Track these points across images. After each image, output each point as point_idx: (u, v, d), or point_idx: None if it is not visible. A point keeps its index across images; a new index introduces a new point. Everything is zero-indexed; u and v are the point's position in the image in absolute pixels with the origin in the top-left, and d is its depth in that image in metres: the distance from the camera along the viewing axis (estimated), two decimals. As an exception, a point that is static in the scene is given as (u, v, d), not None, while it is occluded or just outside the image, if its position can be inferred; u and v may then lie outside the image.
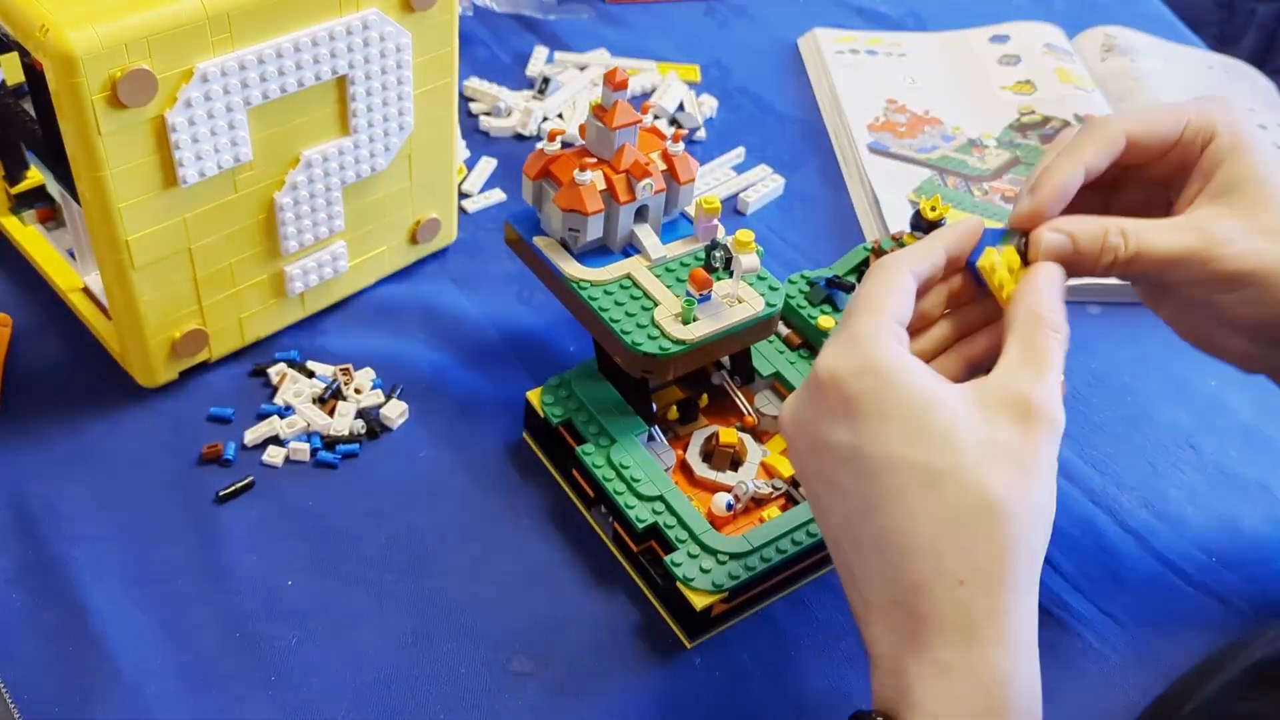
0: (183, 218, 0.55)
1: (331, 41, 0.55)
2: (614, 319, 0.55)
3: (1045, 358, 0.41)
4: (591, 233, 0.57)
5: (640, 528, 0.52)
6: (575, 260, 0.57)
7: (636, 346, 0.53)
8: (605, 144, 0.57)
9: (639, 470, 0.54)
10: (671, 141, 0.58)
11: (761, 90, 0.92)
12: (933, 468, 0.38)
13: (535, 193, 0.58)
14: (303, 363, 0.63)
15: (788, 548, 0.52)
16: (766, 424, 0.59)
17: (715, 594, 0.50)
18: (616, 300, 0.56)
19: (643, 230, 0.58)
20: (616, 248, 0.58)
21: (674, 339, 0.54)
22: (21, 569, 0.52)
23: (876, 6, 1.05)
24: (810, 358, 0.61)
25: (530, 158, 0.58)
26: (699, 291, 0.54)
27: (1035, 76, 0.93)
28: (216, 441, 0.58)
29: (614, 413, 0.56)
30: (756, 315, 0.55)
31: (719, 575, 0.50)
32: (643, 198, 0.57)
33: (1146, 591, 0.57)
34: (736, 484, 0.55)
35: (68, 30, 0.47)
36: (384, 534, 0.55)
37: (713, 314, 0.55)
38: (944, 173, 0.83)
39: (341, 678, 0.50)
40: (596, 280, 0.56)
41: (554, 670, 0.51)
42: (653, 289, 0.56)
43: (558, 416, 0.56)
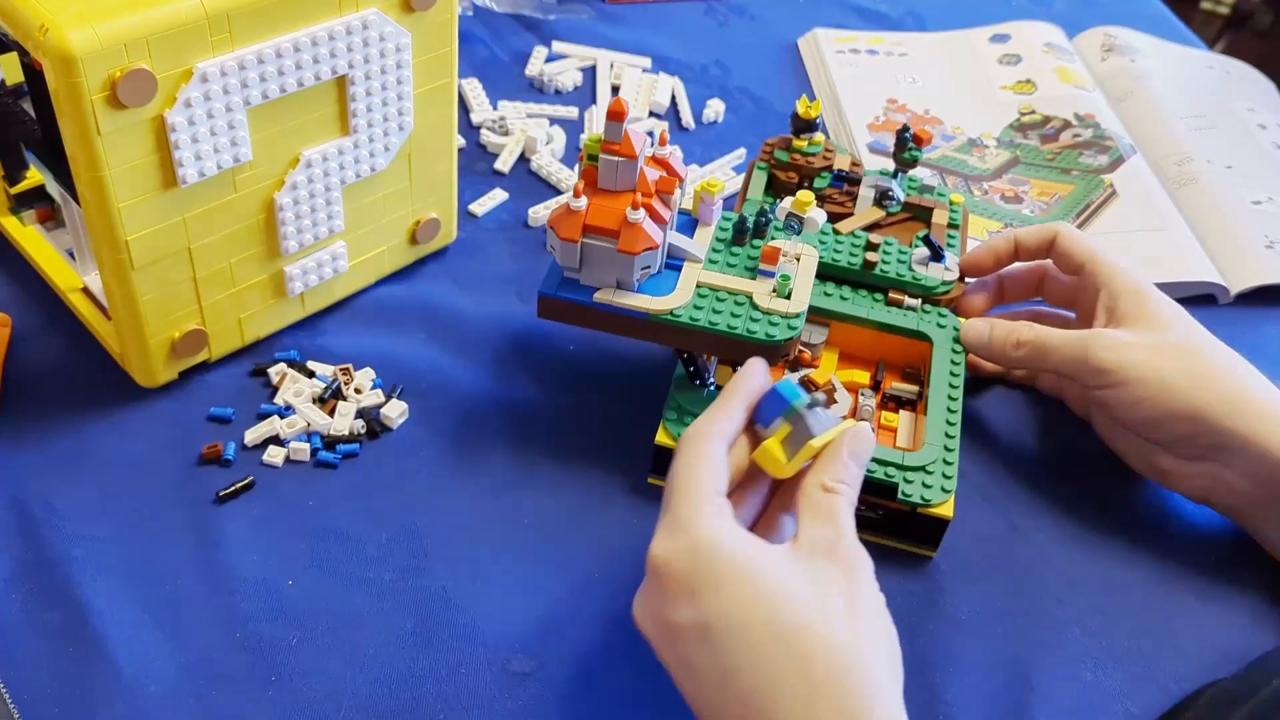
0: (182, 218, 0.55)
1: (331, 41, 0.55)
2: (731, 327, 0.55)
3: (835, 515, 0.44)
4: (658, 264, 0.56)
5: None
6: (641, 295, 0.56)
7: (772, 339, 0.54)
8: (627, 175, 0.55)
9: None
10: (659, 145, 0.58)
11: (761, 90, 0.92)
12: (777, 625, 0.39)
13: (575, 253, 0.55)
14: (303, 363, 0.63)
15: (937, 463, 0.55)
16: (815, 353, 0.63)
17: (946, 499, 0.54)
18: (714, 309, 0.56)
19: (677, 238, 0.58)
20: (658, 267, 0.57)
21: (791, 314, 0.55)
22: (21, 569, 0.52)
23: (876, 6, 1.05)
24: (817, 282, 0.64)
25: (560, 220, 0.55)
26: (772, 265, 0.57)
27: (1035, 76, 0.93)
28: (216, 441, 0.58)
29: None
30: (818, 259, 0.59)
31: (945, 479, 0.54)
32: (676, 209, 0.57)
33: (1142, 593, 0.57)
34: (859, 406, 0.60)
35: (67, 30, 0.47)
36: (384, 534, 0.55)
37: (797, 276, 0.57)
38: (944, 172, 0.83)
39: (341, 677, 0.50)
40: (681, 304, 0.56)
41: (554, 670, 0.51)
42: (729, 284, 0.57)
43: None
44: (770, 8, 1.03)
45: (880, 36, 0.99)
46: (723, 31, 0.99)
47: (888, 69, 0.95)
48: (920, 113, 0.90)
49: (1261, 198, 0.81)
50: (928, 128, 0.88)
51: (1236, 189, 0.82)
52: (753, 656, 0.39)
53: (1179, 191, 0.82)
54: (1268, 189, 0.82)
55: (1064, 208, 0.80)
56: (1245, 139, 0.89)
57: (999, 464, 0.62)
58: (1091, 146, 0.85)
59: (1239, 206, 0.80)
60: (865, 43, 0.98)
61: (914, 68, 0.95)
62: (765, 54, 0.97)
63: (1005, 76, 0.94)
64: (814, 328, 0.63)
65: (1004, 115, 0.90)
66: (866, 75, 0.94)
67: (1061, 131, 0.87)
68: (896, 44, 0.98)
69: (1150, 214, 0.79)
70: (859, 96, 0.91)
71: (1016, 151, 0.86)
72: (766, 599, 0.40)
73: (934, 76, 0.94)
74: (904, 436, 0.60)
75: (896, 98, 0.91)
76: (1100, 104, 0.90)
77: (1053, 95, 0.91)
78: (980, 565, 0.57)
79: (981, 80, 0.94)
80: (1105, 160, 0.84)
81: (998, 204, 0.81)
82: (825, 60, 0.95)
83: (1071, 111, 0.89)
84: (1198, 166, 0.84)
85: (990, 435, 0.64)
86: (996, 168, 0.84)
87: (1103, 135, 0.86)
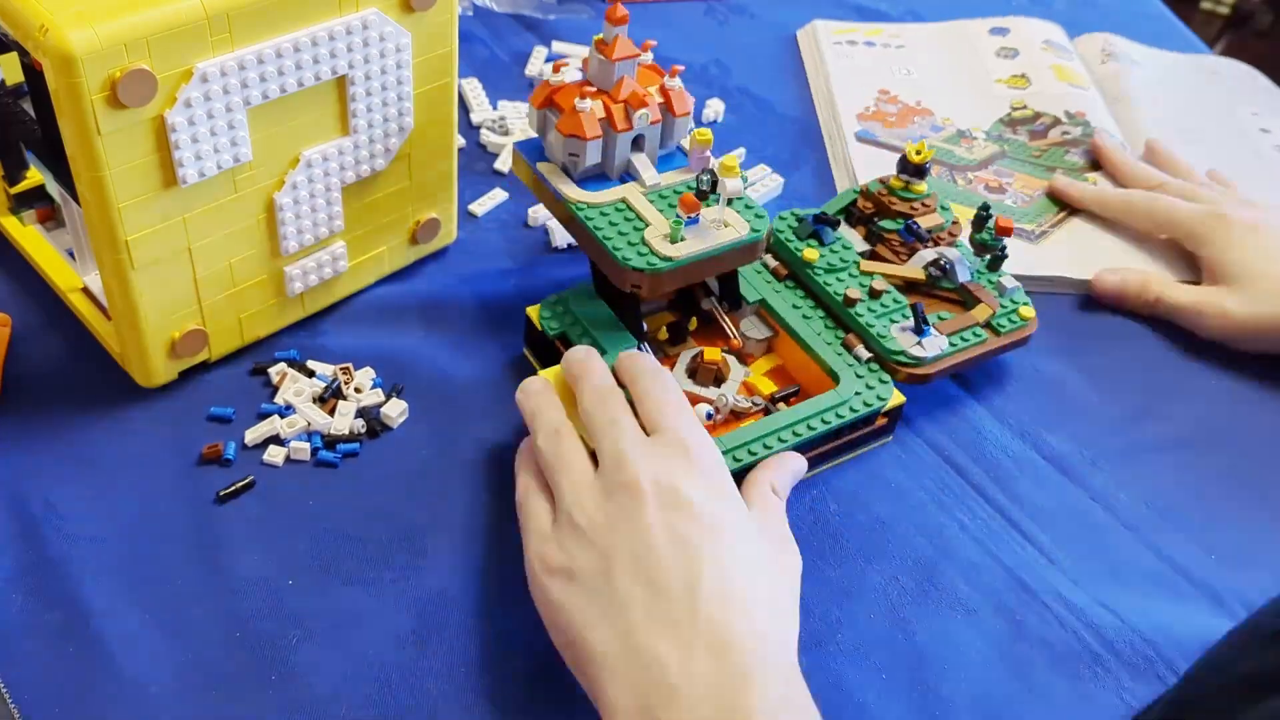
0: (182, 218, 0.55)
1: (331, 41, 0.55)
2: (607, 237, 0.59)
3: (780, 516, 0.53)
4: (590, 158, 0.60)
5: None
6: (575, 185, 0.61)
7: (626, 262, 0.57)
8: (606, 76, 0.61)
9: None
10: (669, 77, 0.62)
11: (761, 90, 0.92)
12: (747, 553, 0.48)
13: (540, 121, 0.62)
14: (303, 362, 0.63)
15: (758, 450, 0.56)
16: (751, 347, 0.64)
17: None
18: (611, 221, 0.60)
19: (639, 159, 0.62)
20: (614, 175, 0.62)
21: (661, 256, 0.58)
22: (21, 569, 0.52)
23: (876, 5, 1.05)
24: (795, 288, 0.66)
25: (537, 88, 0.62)
26: (687, 214, 0.58)
27: (1031, 71, 0.93)
28: (216, 441, 0.58)
29: (607, 328, 0.60)
30: (741, 239, 0.59)
31: None
32: (639, 127, 0.61)
33: (1147, 587, 0.57)
34: (717, 397, 0.59)
35: (67, 30, 0.47)
36: (384, 533, 0.56)
37: (699, 235, 0.59)
38: (929, 162, 0.84)
39: (341, 677, 0.50)
40: (593, 202, 0.60)
41: (554, 670, 0.51)
42: (645, 212, 0.60)
43: (554, 330, 0.61)
44: (770, 7, 1.03)
45: (879, 28, 1.00)
46: (723, 31, 0.99)
47: (883, 60, 0.95)
48: (912, 104, 0.90)
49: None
50: (917, 119, 0.88)
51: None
52: (716, 547, 0.46)
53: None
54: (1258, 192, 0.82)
55: (1046, 203, 0.81)
56: (1243, 145, 0.89)
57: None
58: (1078, 145, 0.86)
59: None
60: (864, 34, 0.98)
61: (909, 59, 0.96)
62: (765, 54, 0.97)
63: (1001, 70, 0.94)
64: (760, 325, 0.64)
65: (996, 109, 0.90)
66: (861, 66, 0.94)
67: (1050, 129, 0.87)
68: (894, 35, 0.99)
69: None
70: (851, 87, 0.91)
71: (1004, 145, 0.86)
72: (748, 533, 0.49)
73: (929, 68, 0.95)
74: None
75: (889, 88, 0.92)
76: (1094, 103, 0.90)
77: (1047, 92, 0.91)
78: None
79: (978, 72, 0.94)
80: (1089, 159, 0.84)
81: (981, 193, 0.81)
82: (822, 51, 0.95)
83: (1063, 109, 0.89)
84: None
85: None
86: (983, 159, 0.85)
87: (1091, 134, 0.86)
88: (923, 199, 0.69)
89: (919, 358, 0.61)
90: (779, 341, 0.64)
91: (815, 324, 0.63)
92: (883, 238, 0.68)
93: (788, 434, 0.57)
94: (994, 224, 0.67)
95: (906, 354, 0.61)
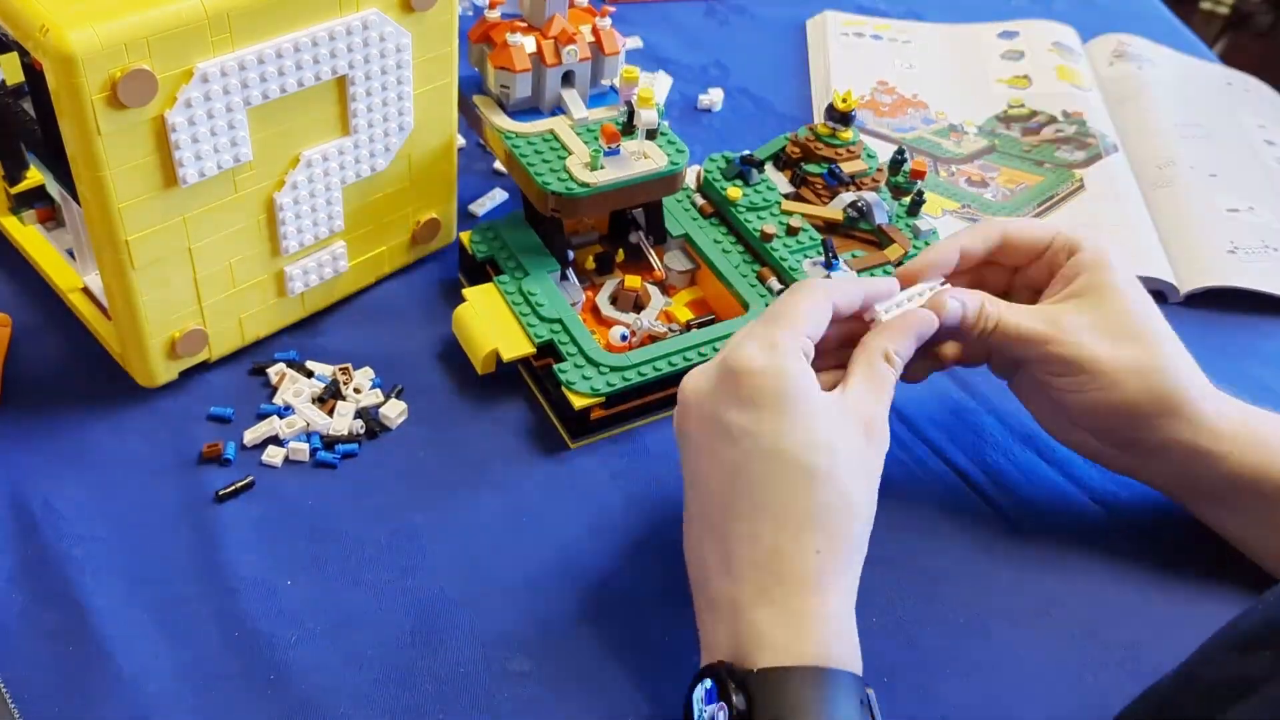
0: (183, 218, 0.55)
1: (331, 41, 0.55)
2: (530, 163, 0.62)
3: (884, 386, 0.50)
4: (520, 90, 0.64)
5: (538, 342, 0.60)
6: (507, 116, 0.65)
7: (546, 186, 0.61)
8: (538, 13, 0.65)
9: (544, 298, 0.62)
10: (599, 17, 0.66)
11: (761, 90, 0.92)
12: (813, 466, 0.46)
13: (477, 55, 0.66)
14: (302, 362, 0.63)
15: (663, 367, 0.60)
16: (673, 279, 0.68)
17: (593, 397, 0.58)
18: (536, 149, 0.63)
19: (569, 94, 0.66)
20: (545, 108, 0.66)
21: (579, 182, 0.61)
22: (21, 569, 0.52)
23: (876, 4, 1.05)
24: (719, 225, 0.69)
25: (475, 24, 0.66)
26: (608, 145, 0.62)
27: (1034, 72, 0.93)
28: (216, 441, 0.58)
29: (533, 253, 0.65)
30: (659, 170, 0.63)
31: (598, 382, 0.58)
32: (568, 63, 0.64)
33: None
34: (633, 320, 0.63)
35: (67, 30, 0.47)
36: (384, 533, 0.56)
37: (619, 165, 0.62)
38: (913, 150, 0.84)
39: (341, 677, 0.50)
40: (521, 132, 0.64)
41: (553, 670, 0.51)
42: (570, 143, 0.64)
43: (482, 253, 0.65)
44: (770, 7, 1.03)
45: (888, 24, 1.00)
46: (723, 31, 0.99)
47: (888, 53, 0.95)
48: (909, 96, 0.90)
49: (1241, 206, 0.81)
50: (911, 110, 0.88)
51: (1213, 195, 0.82)
52: (783, 482, 0.46)
53: (1154, 192, 0.82)
54: (1252, 199, 0.82)
55: (1027, 196, 0.81)
56: (1245, 152, 0.88)
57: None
58: (1070, 142, 0.86)
59: (1210, 212, 0.80)
60: (872, 28, 0.99)
61: (914, 54, 0.96)
62: (765, 53, 0.97)
63: (1004, 71, 0.94)
64: (683, 258, 0.68)
65: (992, 106, 0.90)
66: (864, 57, 0.94)
67: (1045, 126, 0.88)
68: (903, 31, 0.99)
69: (1114, 210, 0.80)
70: (850, 75, 0.91)
71: (995, 141, 0.86)
72: (814, 446, 0.46)
73: (932, 64, 0.95)
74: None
75: (887, 80, 0.92)
76: (1092, 103, 0.90)
77: (1045, 91, 0.91)
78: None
79: (979, 72, 0.94)
80: (1081, 156, 0.84)
81: (962, 186, 0.81)
82: (828, 40, 0.96)
83: (1060, 109, 0.89)
84: (1178, 171, 0.84)
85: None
86: (970, 153, 0.85)
87: (1085, 133, 0.86)
88: (848, 145, 0.72)
89: None
90: (700, 275, 0.68)
91: (734, 258, 0.67)
92: (807, 180, 0.71)
93: (693, 353, 0.61)
94: (909, 168, 0.71)
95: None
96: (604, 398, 0.58)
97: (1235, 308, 0.74)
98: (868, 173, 0.71)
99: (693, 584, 0.49)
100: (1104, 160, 0.84)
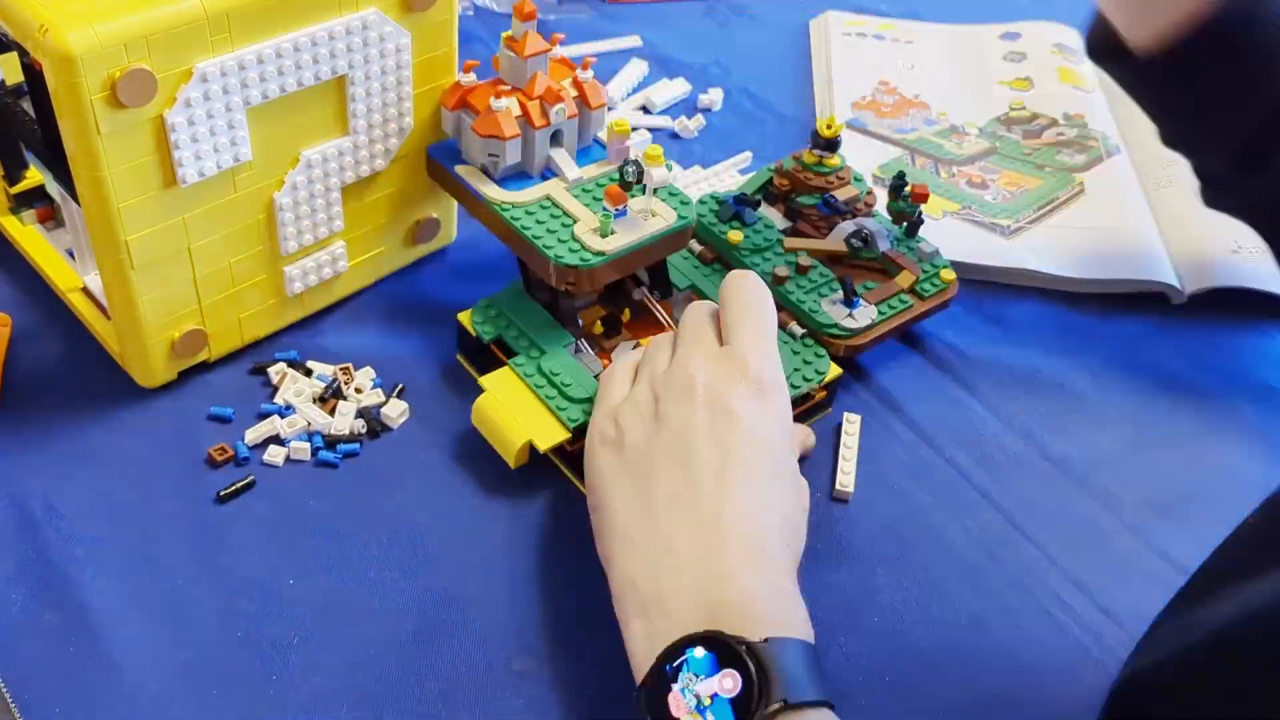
0: (182, 218, 0.55)
1: (331, 41, 0.55)
2: (536, 236, 0.58)
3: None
4: (510, 157, 0.60)
5: (573, 426, 0.56)
6: (496, 185, 0.61)
7: (560, 260, 0.57)
8: (518, 73, 0.61)
9: (568, 376, 0.58)
10: (581, 69, 0.62)
11: (761, 90, 0.92)
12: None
13: (455, 123, 0.62)
14: (302, 362, 0.63)
15: None
16: None
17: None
18: (538, 219, 0.59)
19: (559, 154, 0.62)
20: (535, 172, 0.62)
21: (594, 251, 0.58)
22: (21, 569, 0.52)
23: (876, 5, 1.05)
24: (722, 271, 0.66)
25: (448, 89, 0.62)
26: (614, 206, 0.58)
27: (1035, 74, 0.93)
28: (223, 444, 0.58)
29: (542, 328, 0.61)
30: (670, 227, 0.60)
31: None
32: (556, 122, 0.61)
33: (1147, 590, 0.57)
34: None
35: (67, 30, 0.47)
36: (385, 533, 0.55)
37: (629, 227, 0.59)
38: (915, 153, 0.84)
39: (342, 677, 0.50)
40: (518, 202, 0.60)
41: (555, 669, 0.51)
42: (571, 208, 0.60)
43: (489, 334, 0.61)
44: (770, 7, 1.03)
45: (891, 24, 1.00)
46: (723, 31, 0.99)
47: (890, 53, 0.95)
48: (910, 96, 0.90)
49: None
50: (912, 111, 0.88)
51: None
52: (750, 459, 0.48)
53: (1157, 193, 0.82)
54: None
55: (1028, 200, 0.81)
56: None
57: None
58: (1071, 145, 0.86)
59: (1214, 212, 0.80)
60: (875, 28, 0.99)
61: (916, 55, 0.96)
62: (765, 54, 0.97)
63: (1005, 72, 0.94)
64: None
65: (993, 108, 0.90)
66: (865, 57, 0.94)
67: (1046, 129, 0.88)
68: (905, 31, 0.99)
69: (1115, 213, 0.79)
70: (852, 75, 0.91)
71: (996, 143, 0.86)
72: (784, 456, 0.51)
73: (933, 65, 0.95)
74: None
75: (889, 80, 0.92)
76: (1094, 105, 0.90)
77: (1047, 94, 0.91)
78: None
79: (981, 74, 0.94)
80: (1083, 160, 0.84)
81: (963, 188, 0.81)
82: (830, 40, 0.96)
83: (1061, 111, 0.89)
84: (1181, 170, 0.83)
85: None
86: (971, 155, 0.85)
87: (1087, 135, 0.86)
88: (836, 172, 0.70)
89: (852, 329, 0.63)
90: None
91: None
92: (802, 213, 0.70)
93: None
94: (909, 191, 0.69)
95: (840, 326, 0.63)
96: None
97: (1239, 308, 0.74)
98: (859, 198, 0.70)
99: (628, 575, 0.47)
100: (1105, 162, 0.84)
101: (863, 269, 0.68)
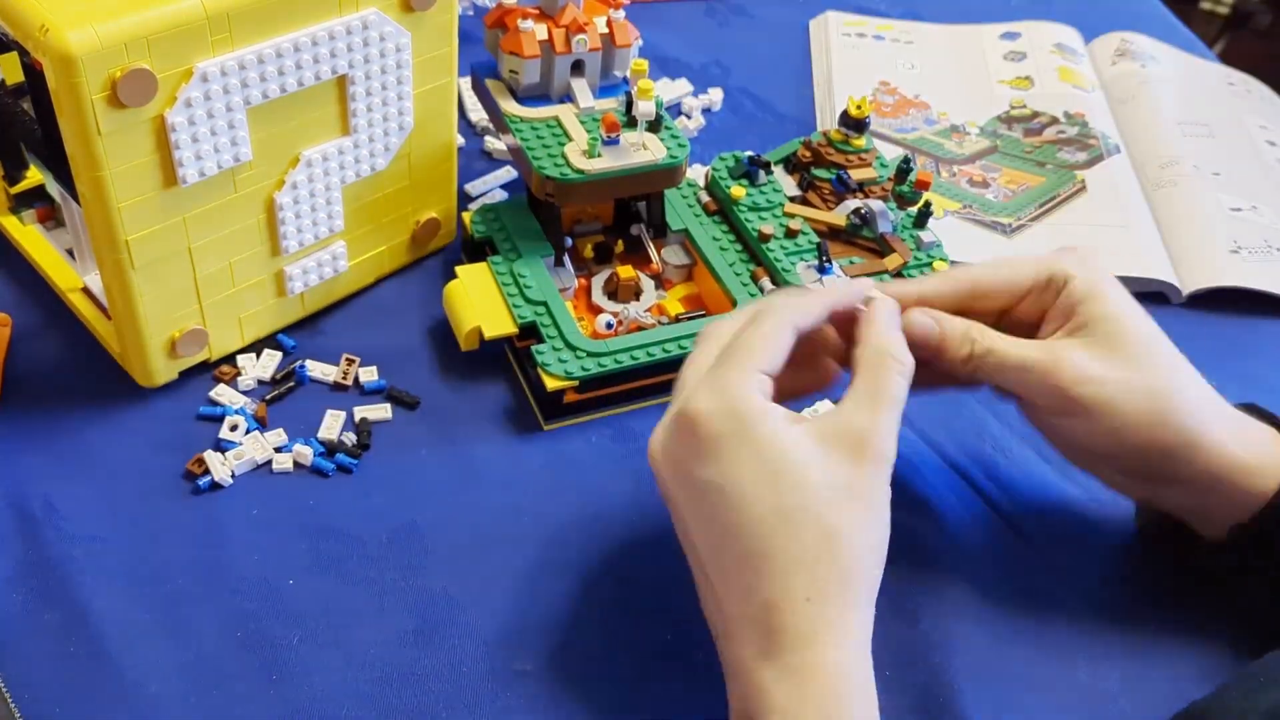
0: (182, 217, 0.55)
1: (331, 41, 0.55)
2: (530, 147, 0.63)
3: (886, 392, 0.46)
4: (528, 76, 0.65)
5: (520, 323, 0.61)
6: (516, 101, 0.65)
7: (541, 170, 0.61)
8: (553, 2, 0.65)
9: (532, 280, 0.62)
10: (614, 9, 0.67)
11: (762, 90, 0.92)
12: (784, 506, 0.43)
13: (491, 40, 0.67)
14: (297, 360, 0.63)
15: (640, 356, 0.60)
16: (670, 273, 0.68)
17: (567, 381, 0.59)
18: (539, 135, 0.64)
19: (578, 84, 0.66)
20: (554, 96, 0.66)
21: (574, 169, 0.61)
22: (21, 569, 0.52)
23: (876, 5, 1.05)
24: (721, 223, 0.70)
25: (492, 9, 0.66)
26: (607, 134, 0.62)
27: (1036, 73, 0.93)
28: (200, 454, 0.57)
29: (530, 238, 0.65)
30: (655, 162, 0.63)
31: (573, 366, 0.59)
32: (577, 52, 0.65)
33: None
34: (620, 310, 0.64)
35: (67, 30, 0.47)
36: (385, 533, 0.55)
37: (616, 155, 0.62)
38: (916, 152, 0.84)
39: (343, 677, 0.50)
40: (526, 117, 0.65)
41: (555, 668, 0.51)
42: (573, 130, 0.64)
43: (480, 233, 0.66)
44: (770, 7, 1.03)
45: (891, 24, 1.00)
46: (723, 31, 0.99)
47: (890, 54, 0.96)
48: (911, 96, 0.90)
49: (1244, 205, 0.81)
50: (913, 110, 0.88)
51: (1217, 194, 0.82)
52: (758, 528, 0.43)
53: (1156, 192, 0.82)
54: (1254, 199, 0.82)
55: (1029, 197, 0.81)
56: (1248, 151, 0.88)
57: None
58: (1072, 144, 0.86)
59: (1214, 211, 0.80)
60: (874, 28, 0.99)
61: (916, 55, 0.96)
62: (765, 54, 0.97)
63: (1005, 71, 0.94)
64: (681, 253, 0.68)
65: (994, 108, 0.90)
66: (866, 57, 0.94)
67: (1047, 127, 0.88)
68: (905, 32, 0.99)
69: (1116, 211, 0.79)
70: (853, 76, 0.92)
71: (996, 141, 0.86)
72: (780, 484, 0.43)
73: (933, 65, 0.95)
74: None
75: (890, 80, 0.92)
76: (1095, 104, 0.90)
77: (1048, 93, 0.91)
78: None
79: (981, 73, 0.94)
80: (1083, 157, 0.84)
81: (964, 187, 0.81)
82: (830, 41, 0.96)
83: (1062, 110, 0.89)
84: (1181, 170, 0.84)
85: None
86: (972, 154, 0.85)
87: (1087, 133, 0.86)
88: (860, 153, 0.71)
89: None
90: (696, 271, 0.68)
91: (729, 255, 0.67)
92: (814, 185, 0.71)
93: (673, 345, 0.60)
94: (914, 177, 0.70)
95: (805, 288, 0.64)
96: (577, 382, 0.59)
97: (1238, 308, 0.74)
98: (878, 181, 0.71)
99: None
100: (1106, 161, 0.84)
101: (860, 248, 0.69)
